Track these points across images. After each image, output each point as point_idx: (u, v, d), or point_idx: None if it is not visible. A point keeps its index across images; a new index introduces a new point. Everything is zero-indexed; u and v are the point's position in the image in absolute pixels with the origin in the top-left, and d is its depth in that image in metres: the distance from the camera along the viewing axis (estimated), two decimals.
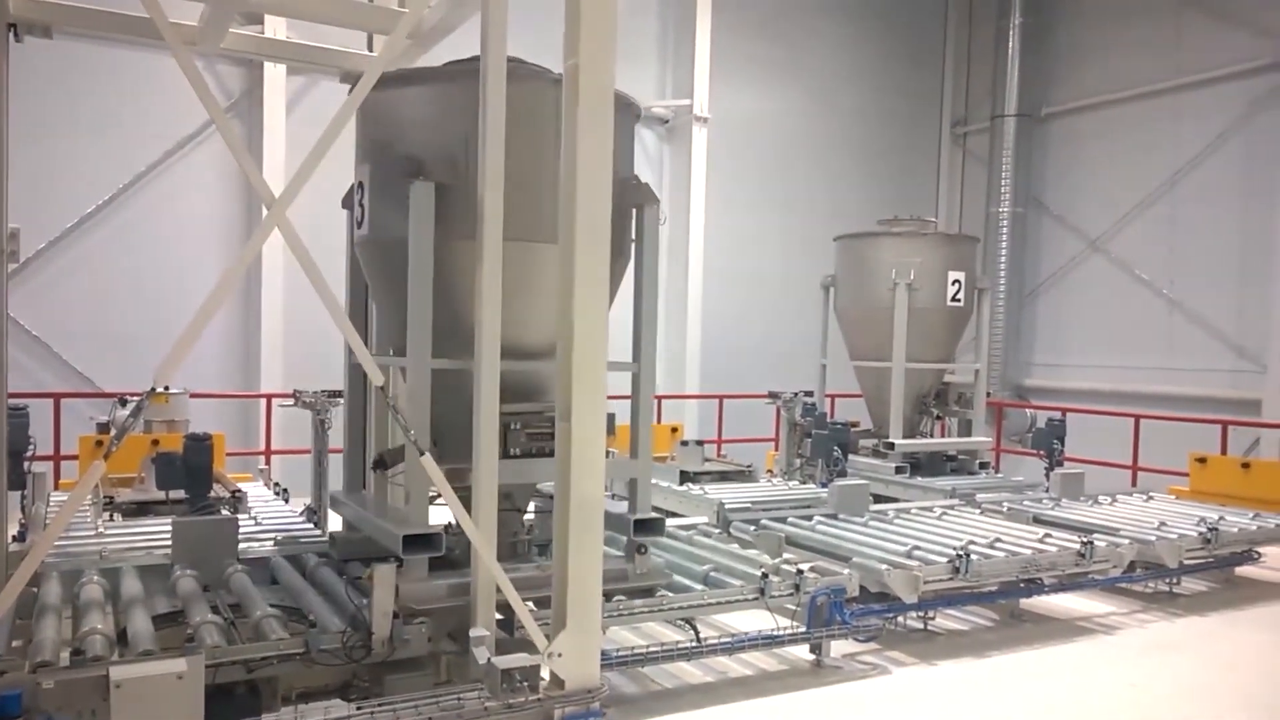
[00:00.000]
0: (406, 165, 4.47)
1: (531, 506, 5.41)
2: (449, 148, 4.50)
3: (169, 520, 5.36)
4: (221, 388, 11.44)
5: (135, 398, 6.74)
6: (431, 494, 4.57)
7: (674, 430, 10.78)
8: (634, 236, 5.13)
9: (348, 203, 5.26)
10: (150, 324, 10.83)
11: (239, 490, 6.96)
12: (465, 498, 4.65)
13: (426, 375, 4.52)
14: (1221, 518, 7.45)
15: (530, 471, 4.79)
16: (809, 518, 7.00)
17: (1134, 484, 10.67)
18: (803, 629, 5.19)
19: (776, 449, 10.66)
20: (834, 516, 7.05)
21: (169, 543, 5.05)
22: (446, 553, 4.53)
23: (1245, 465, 9.06)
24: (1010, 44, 16.26)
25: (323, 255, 4.04)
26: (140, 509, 6.76)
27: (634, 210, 5.08)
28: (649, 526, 5.08)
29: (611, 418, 4.98)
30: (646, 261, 5.08)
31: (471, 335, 4.30)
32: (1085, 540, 6.27)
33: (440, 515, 4.62)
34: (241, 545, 5.23)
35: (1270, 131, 13.46)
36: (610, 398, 4.12)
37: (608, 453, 4.29)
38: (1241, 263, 13.92)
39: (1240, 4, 14.00)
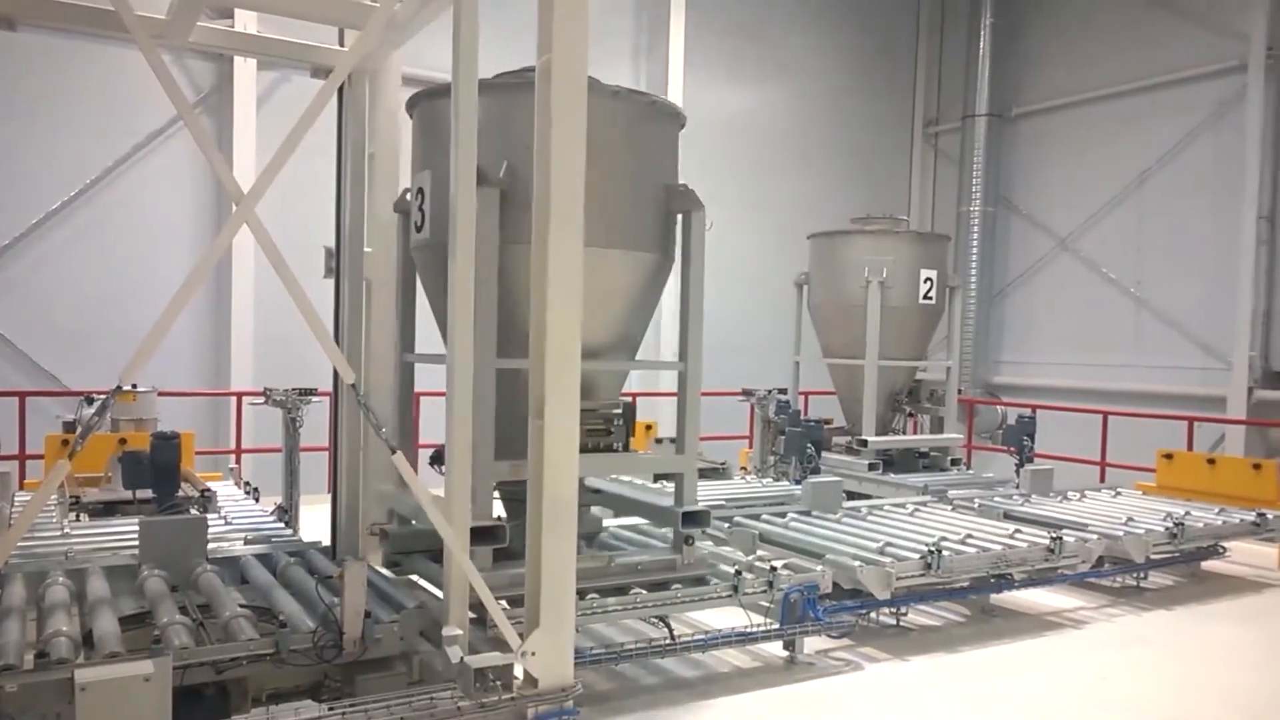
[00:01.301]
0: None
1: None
2: (510, 156, 4.59)
3: (136, 520, 5.30)
4: (192, 386, 11.32)
5: (102, 396, 6.65)
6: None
7: (648, 428, 10.78)
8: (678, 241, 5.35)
9: (401, 207, 5.40)
10: (118, 321, 10.70)
11: (208, 489, 6.88)
12: (521, 494, 4.76)
13: (491, 375, 4.64)
14: (1188, 513, 7.56)
15: (587, 466, 4.99)
16: (783, 515, 7.02)
17: (1102, 480, 10.80)
18: (776, 626, 5.20)
19: (750, 446, 10.69)
20: (807, 513, 7.08)
21: (136, 543, 4.99)
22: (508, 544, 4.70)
23: (1211, 461, 9.20)
24: (981, 44, 16.41)
25: (296, 253, 4.02)
26: (107, 509, 6.67)
27: (681, 216, 5.27)
28: (696, 518, 5.21)
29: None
30: (694, 265, 5.25)
31: (523, 335, 4.38)
32: (1054, 536, 6.34)
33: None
34: (211, 545, 5.18)
35: (1237, 132, 13.66)
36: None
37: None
38: (1208, 262, 14.13)
39: (1208, 6, 14.21)
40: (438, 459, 5.32)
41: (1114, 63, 15.34)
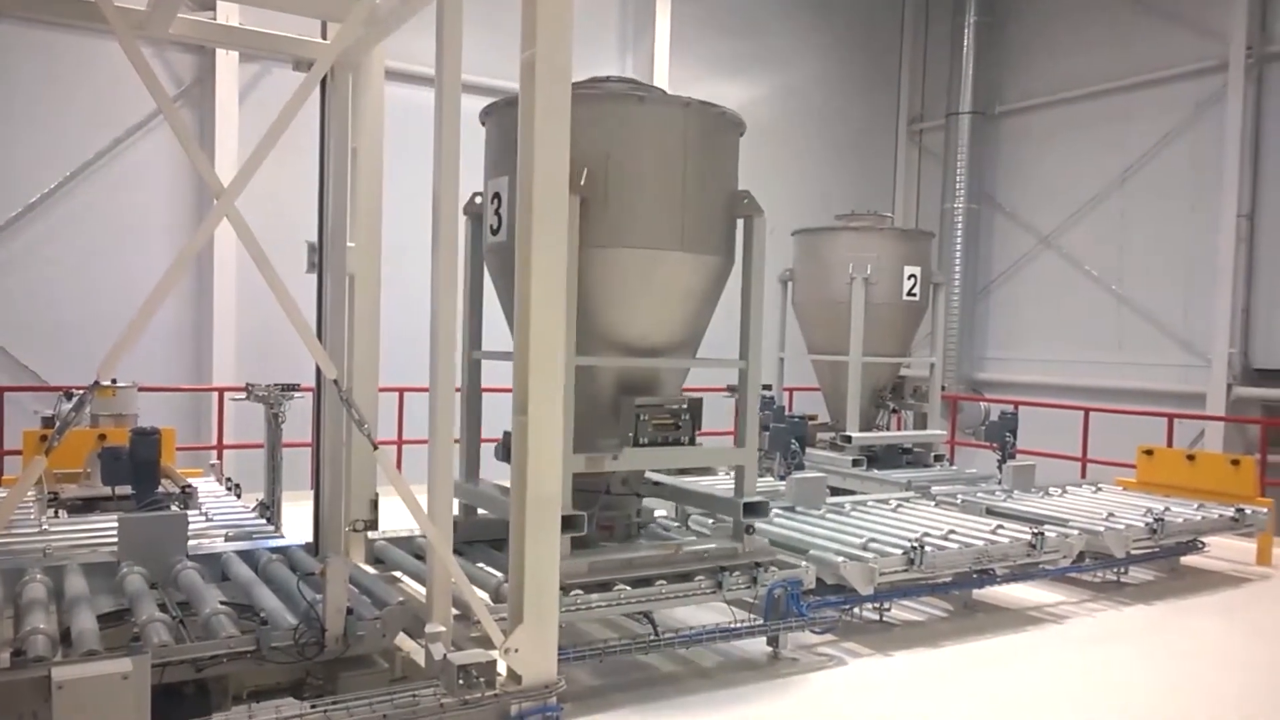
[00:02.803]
0: None
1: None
2: (591, 163, 4.87)
3: (115, 516, 5.25)
4: (173, 381, 11.23)
5: (80, 391, 6.58)
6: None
7: None
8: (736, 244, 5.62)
9: (471, 211, 5.64)
10: (98, 316, 10.61)
11: (189, 486, 6.83)
12: (592, 485, 5.24)
13: (571, 373, 4.85)
14: (1167, 508, 7.62)
15: (657, 459, 5.30)
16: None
17: (1083, 476, 10.89)
18: (760, 621, 5.21)
19: (735, 443, 10.67)
20: (791, 509, 7.09)
21: (115, 539, 4.94)
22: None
23: (1190, 457, 9.26)
24: (965, 43, 16.47)
25: (278, 247, 3.99)
26: (86, 505, 6.59)
27: (742, 220, 5.53)
28: (756, 509, 5.46)
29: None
30: (755, 267, 5.49)
31: (601, 334, 5.01)
32: (1036, 531, 6.37)
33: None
34: (191, 542, 5.14)
35: (1216, 131, 13.76)
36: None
37: None
38: (1188, 260, 14.24)
39: (1188, 6, 14.30)
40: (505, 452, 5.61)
41: (1096, 62, 15.42)
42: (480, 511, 5.90)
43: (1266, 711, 4.96)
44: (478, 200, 5.62)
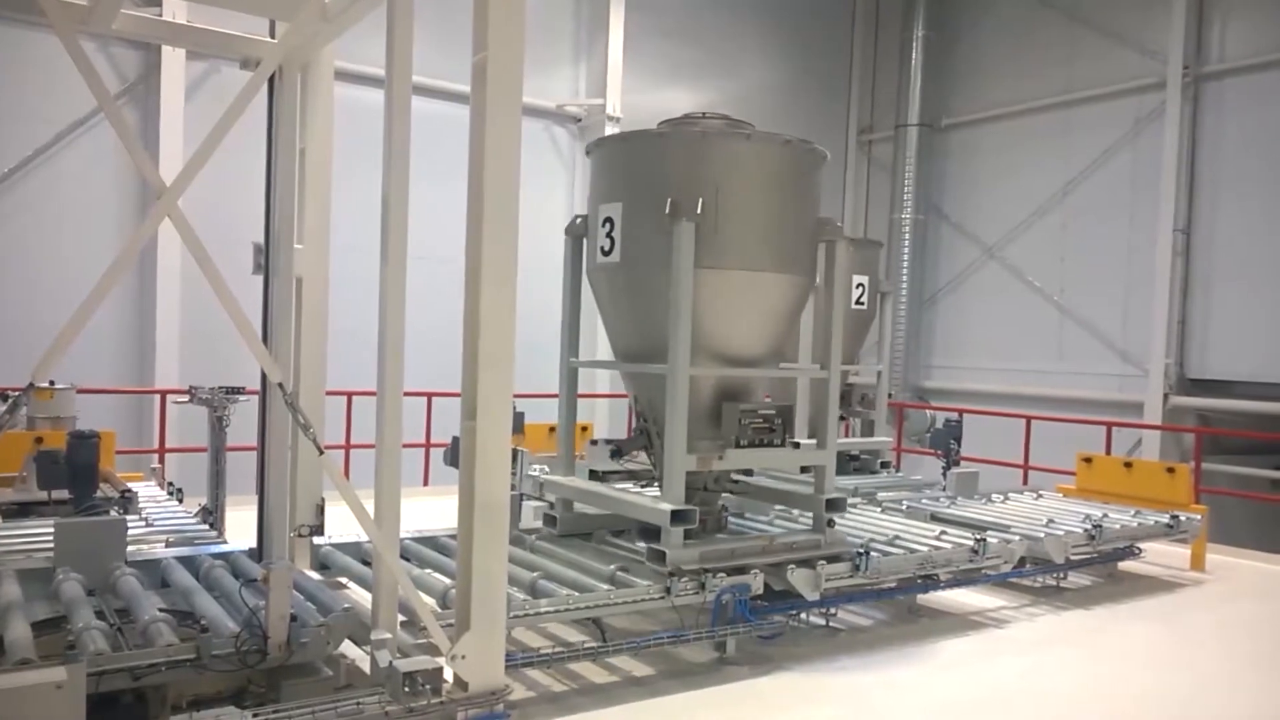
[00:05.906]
0: (671, 208, 5.31)
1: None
2: (702, 192, 5.37)
3: (52, 521, 5.12)
4: (114, 383, 10.99)
5: (16, 393, 6.42)
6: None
7: (584, 429, 10.74)
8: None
9: (574, 231, 6.11)
10: (36, 316, 10.34)
11: (129, 490, 6.68)
12: (690, 482, 5.54)
13: (685, 380, 5.35)
14: (1105, 515, 7.79)
15: (756, 459, 5.77)
16: None
17: (1025, 482, 11.07)
18: (708, 628, 5.24)
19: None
20: (740, 515, 7.12)
21: (51, 545, 4.82)
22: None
23: (1128, 465, 9.47)
24: (913, 56, 16.76)
25: (225, 248, 3.93)
26: (21, 510, 6.42)
27: (824, 244, 5.98)
28: (835, 504, 5.93)
29: (520, 416, 5.24)
30: (836, 285, 6.00)
31: (704, 346, 5.50)
32: (979, 537, 6.48)
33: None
34: (131, 547, 5.03)
35: (1154, 148, 14.16)
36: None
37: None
38: (1127, 272, 14.61)
39: (1129, 25, 14.70)
40: (617, 452, 6.21)
41: (1040, 78, 15.78)
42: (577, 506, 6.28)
43: (1196, 713, 5.10)
44: (578, 221, 6.12)
